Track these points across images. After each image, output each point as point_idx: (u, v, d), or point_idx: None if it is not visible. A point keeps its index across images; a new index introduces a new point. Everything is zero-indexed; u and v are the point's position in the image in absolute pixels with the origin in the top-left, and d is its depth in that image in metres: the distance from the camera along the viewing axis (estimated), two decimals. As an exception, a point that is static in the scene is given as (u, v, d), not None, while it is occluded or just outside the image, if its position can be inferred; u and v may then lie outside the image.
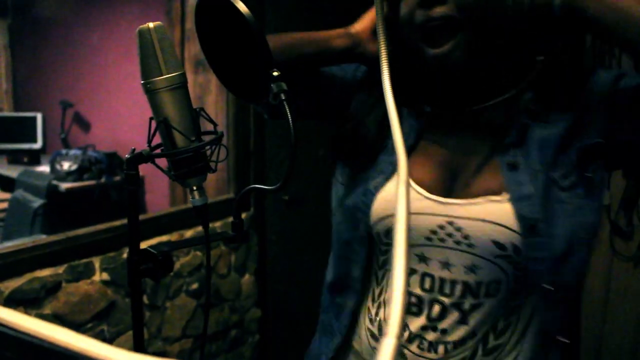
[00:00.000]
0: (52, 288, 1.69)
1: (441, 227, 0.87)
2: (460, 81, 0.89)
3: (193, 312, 2.13)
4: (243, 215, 2.30)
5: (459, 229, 0.86)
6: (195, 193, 0.83)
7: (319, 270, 1.16)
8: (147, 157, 0.79)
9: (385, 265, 0.96)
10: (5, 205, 3.32)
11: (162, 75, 0.77)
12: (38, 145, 4.58)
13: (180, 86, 0.78)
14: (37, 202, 3.28)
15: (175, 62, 0.78)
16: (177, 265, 2.02)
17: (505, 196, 0.84)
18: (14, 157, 4.35)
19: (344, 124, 1.01)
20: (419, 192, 0.89)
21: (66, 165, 3.73)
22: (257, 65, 0.80)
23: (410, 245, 0.90)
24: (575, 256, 0.82)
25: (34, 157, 4.38)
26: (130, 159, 0.78)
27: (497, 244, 0.83)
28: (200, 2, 0.84)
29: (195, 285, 2.11)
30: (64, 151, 3.83)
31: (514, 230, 0.82)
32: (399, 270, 0.44)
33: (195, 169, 0.80)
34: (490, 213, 0.84)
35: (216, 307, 2.24)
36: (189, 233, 2.05)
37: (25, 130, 4.59)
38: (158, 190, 3.67)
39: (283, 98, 0.77)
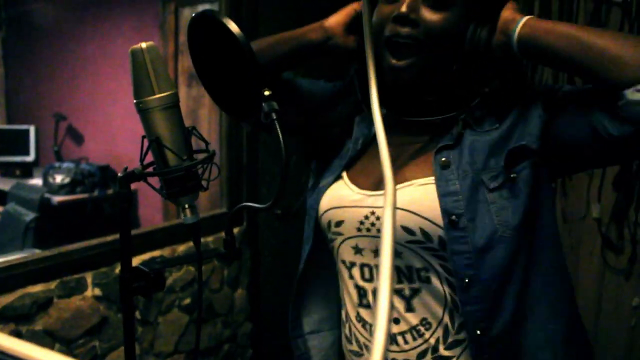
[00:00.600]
0: (43, 304, 1.68)
1: (366, 217, 0.96)
2: (410, 93, 0.97)
3: (185, 328, 2.13)
4: (236, 230, 2.29)
5: (378, 218, 0.94)
6: (187, 211, 0.83)
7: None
8: (139, 175, 0.79)
9: (336, 264, 1.04)
10: (-4, 218, 3.30)
11: (154, 95, 0.77)
12: (31, 158, 4.56)
13: (172, 105, 0.79)
14: (29, 216, 3.27)
15: (168, 82, 0.78)
16: (169, 281, 2.02)
17: (424, 187, 0.91)
18: (6, 170, 4.34)
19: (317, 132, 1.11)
20: (351, 189, 0.99)
21: (59, 178, 3.72)
22: (249, 84, 0.81)
23: (346, 237, 0.99)
24: (495, 253, 0.88)
25: (27, 170, 4.36)
26: (122, 178, 0.79)
27: (405, 229, 0.90)
28: (193, 21, 0.85)
29: (187, 301, 2.11)
30: (56, 164, 3.83)
31: (424, 217, 0.89)
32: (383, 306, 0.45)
33: (187, 187, 0.81)
34: (401, 201, 0.90)
35: (209, 321, 2.23)
36: (181, 248, 2.05)
37: (18, 142, 4.57)
38: (151, 204, 3.66)
39: (274, 117, 0.78)
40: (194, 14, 0.84)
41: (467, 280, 0.88)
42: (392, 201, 0.65)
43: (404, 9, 0.88)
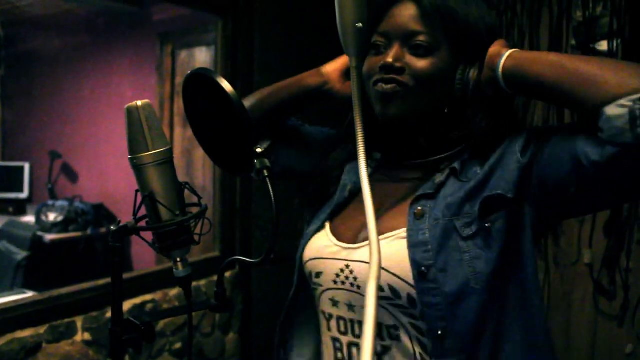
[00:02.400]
0: (32, 349, 1.66)
1: (341, 270, 0.95)
2: (403, 137, 0.98)
3: (175, 372, 2.10)
4: (228, 274, 2.29)
5: (352, 272, 0.93)
6: (179, 264, 0.84)
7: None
8: (132, 230, 0.81)
9: (317, 314, 1.02)
10: (-12, 257, 3.27)
11: (148, 151, 0.79)
12: (24, 195, 4.55)
13: (166, 161, 0.80)
14: (20, 255, 3.24)
15: (162, 138, 0.80)
16: (160, 325, 2.00)
17: (397, 241, 0.89)
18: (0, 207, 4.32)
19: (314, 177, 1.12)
20: (330, 239, 0.98)
21: (52, 217, 3.71)
22: (241, 141, 0.82)
23: (325, 289, 0.98)
24: (467, 304, 0.86)
25: (20, 207, 4.35)
26: (115, 232, 0.80)
27: None
28: (188, 78, 0.87)
29: (178, 345, 2.08)
30: (50, 202, 3.82)
31: (392, 274, 0.87)
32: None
33: (179, 241, 0.82)
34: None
35: (199, 366, 2.21)
36: (173, 292, 2.04)
37: (12, 179, 4.56)
38: (144, 244, 3.64)
39: (266, 174, 0.80)
40: (188, 72, 0.86)
41: (439, 333, 0.86)
42: (376, 274, 0.64)
43: (389, 58, 0.90)
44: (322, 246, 0.99)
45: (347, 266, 0.94)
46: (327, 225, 1.02)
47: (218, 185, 2.27)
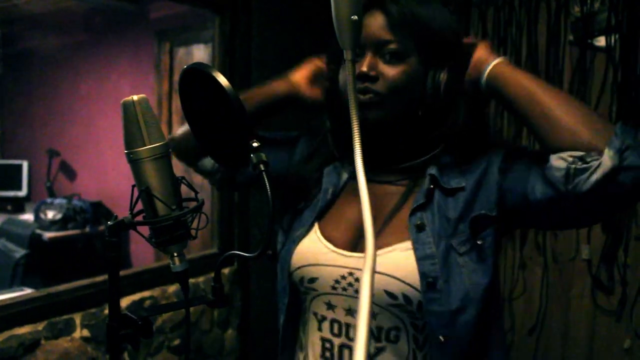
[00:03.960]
0: (30, 345, 1.66)
1: (343, 277, 0.98)
2: (380, 142, 1.01)
3: (174, 369, 2.10)
4: (226, 270, 2.29)
5: (357, 279, 0.96)
6: (176, 259, 0.84)
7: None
8: (128, 224, 0.81)
9: (305, 313, 1.05)
10: (-14, 255, 3.27)
11: (145, 146, 0.79)
12: (23, 193, 4.55)
13: (163, 156, 0.80)
14: (19, 252, 3.24)
15: (158, 133, 0.80)
16: (158, 321, 2.00)
17: (406, 253, 0.94)
18: (-2, 205, 4.33)
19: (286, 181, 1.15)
20: (326, 246, 1.00)
21: (50, 214, 3.71)
22: (237, 135, 0.82)
23: (319, 293, 1.01)
24: (467, 313, 0.92)
25: (19, 205, 4.35)
26: (111, 227, 0.80)
27: (388, 293, 0.93)
28: (184, 74, 0.87)
29: (177, 342, 2.08)
30: (49, 200, 3.82)
31: (406, 283, 0.92)
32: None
33: (176, 236, 0.82)
34: (386, 266, 0.93)
35: (198, 363, 2.21)
36: (171, 289, 2.04)
37: (11, 177, 4.56)
38: (142, 241, 3.64)
39: (262, 169, 0.80)
40: (184, 67, 0.86)
41: (442, 339, 0.92)
42: (369, 280, 0.68)
43: (364, 67, 0.95)
44: (317, 252, 1.01)
45: (351, 274, 0.97)
46: (316, 229, 1.04)
47: (216, 182, 2.27)
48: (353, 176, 1.02)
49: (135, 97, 0.79)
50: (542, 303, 2.47)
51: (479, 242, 0.94)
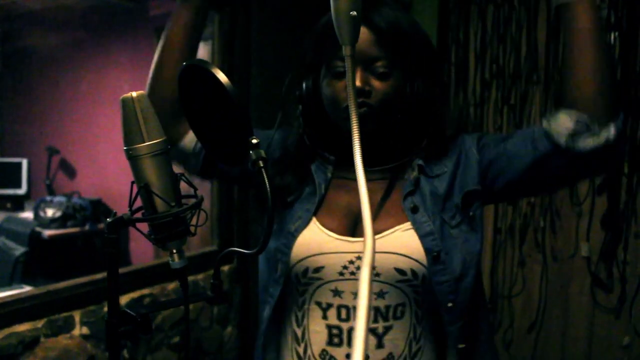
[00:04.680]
0: (30, 343, 1.66)
1: (351, 262, 1.03)
2: (367, 144, 1.04)
3: (174, 366, 2.10)
4: (226, 267, 2.29)
5: None
6: (175, 256, 0.84)
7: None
8: (127, 221, 0.81)
9: (304, 304, 1.07)
10: (-14, 252, 3.28)
11: (144, 143, 0.79)
12: (22, 191, 4.55)
13: (162, 152, 0.80)
14: (18, 250, 3.25)
15: (157, 130, 0.80)
16: (158, 319, 2.00)
17: (407, 232, 1.03)
18: (-2, 203, 4.33)
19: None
20: (329, 235, 1.05)
21: (50, 212, 3.71)
22: (236, 133, 0.82)
23: (324, 282, 1.05)
24: (468, 277, 1.03)
25: (18, 203, 4.35)
26: (111, 223, 0.80)
27: (398, 270, 1.01)
28: (183, 70, 0.87)
29: (176, 339, 2.09)
30: (48, 198, 3.82)
31: (413, 259, 1.01)
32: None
33: (175, 233, 0.82)
34: (393, 246, 1.02)
35: (196, 360, 2.21)
36: (171, 286, 2.04)
37: (10, 175, 4.56)
38: (142, 238, 3.65)
39: (261, 165, 0.80)
40: (184, 64, 0.86)
41: (450, 305, 1.02)
42: (370, 261, 0.69)
43: (358, 82, 0.99)
44: (321, 242, 1.05)
45: (359, 257, 1.03)
46: (314, 221, 1.07)
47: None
48: (337, 173, 1.10)
49: (134, 94, 0.80)
50: (541, 300, 2.47)
51: (471, 214, 1.06)
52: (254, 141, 0.81)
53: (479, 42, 2.53)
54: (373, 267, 1.00)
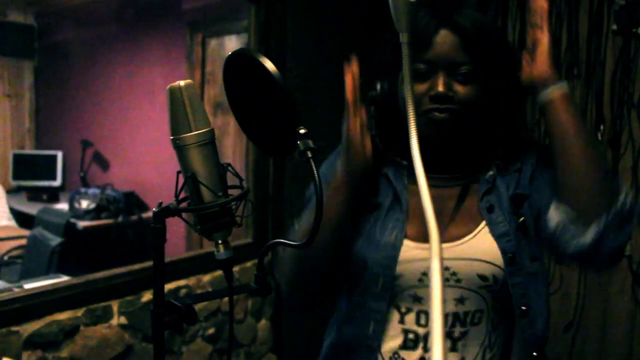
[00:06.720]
0: (70, 331, 1.68)
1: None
2: (443, 153, 1.06)
3: (209, 358, 2.12)
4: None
5: (447, 268, 1.01)
6: (221, 247, 0.84)
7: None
8: (174, 211, 0.80)
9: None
10: (24, 242, 3.34)
11: (191, 132, 0.78)
12: (57, 183, 4.64)
13: (209, 142, 0.80)
14: (55, 241, 3.30)
15: (204, 119, 0.79)
16: (193, 310, 2.01)
17: (485, 236, 1.02)
18: (34, 194, 4.41)
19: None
20: (406, 244, 1.03)
21: (85, 204, 3.77)
22: (284, 122, 0.81)
23: (405, 288, 1.04)
24: (536, 281, 1.03)
25: (53, 195, 4.43)
26: (157, 213, 0.79)
27: (481, 276, 1.01)
28: (229, 59, 0.86)
29: (211, 330, 2.10)
30: (82, 190, 3.88)
31: (494, 264, 1.01)
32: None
33: (221, 223, 0.81)
34: (474, 252, 1.01)
35: (232, 352, 2.22)
36: (206, 278, 2.05)
37: (46, 168, 4.65)
38: (174, 232, 3.68)
39: (310, 156, 0.78)
40: (230, 53, 0.85)
41: (523, 308, 1.02)
42: (438, 267, 0.71)
43: (441, 88, 0.97)
44: (404, 249, 1.04)
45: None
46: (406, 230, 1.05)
47: (250, 172, 2.27)
48: (412, 179, 1.05)
49: (182, 83, 0.79)
50: (579, 299, 2.42)
51: (521, 217, 1.03)
52: (302, 131, 0.80)
53: (517, 34, 2.48)
54: (454, 274, 1.02)
